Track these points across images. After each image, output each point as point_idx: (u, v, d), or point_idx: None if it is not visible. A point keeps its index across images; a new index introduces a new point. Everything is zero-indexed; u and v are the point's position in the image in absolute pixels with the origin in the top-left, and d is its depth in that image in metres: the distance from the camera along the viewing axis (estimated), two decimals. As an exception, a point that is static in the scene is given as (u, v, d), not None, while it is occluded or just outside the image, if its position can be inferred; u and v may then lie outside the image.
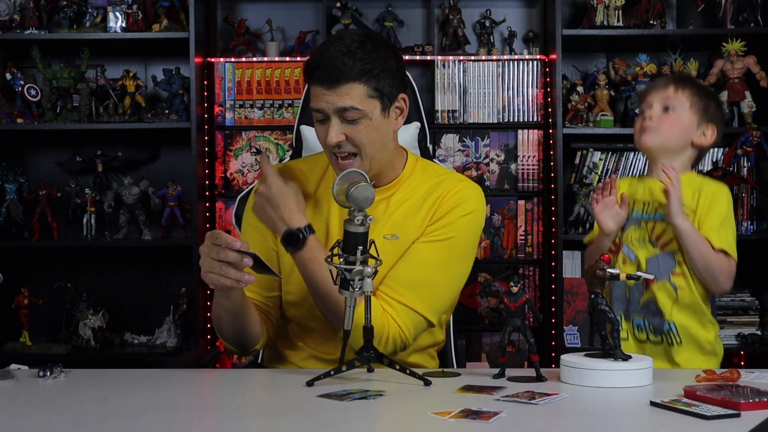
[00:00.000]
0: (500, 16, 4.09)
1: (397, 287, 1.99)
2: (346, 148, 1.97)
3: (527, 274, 3.97)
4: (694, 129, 2.26)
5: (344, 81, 1.93)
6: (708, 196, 2.20)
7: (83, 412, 1.60)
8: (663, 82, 2.30)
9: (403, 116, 2.06)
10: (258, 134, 3.96)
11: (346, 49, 1.93)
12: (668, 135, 2.25)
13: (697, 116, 2.26)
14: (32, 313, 3.96)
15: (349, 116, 1.94)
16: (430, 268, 2.02)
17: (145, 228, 3.94)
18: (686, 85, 2.28)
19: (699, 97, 2.27)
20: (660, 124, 2.24)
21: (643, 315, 2.23)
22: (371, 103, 1.95)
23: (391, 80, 1.98)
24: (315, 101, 1.97)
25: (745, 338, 3.84)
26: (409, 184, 2.10)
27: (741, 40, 3.80)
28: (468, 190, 2.08)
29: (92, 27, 3.88)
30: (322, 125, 1.99)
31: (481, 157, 3.98)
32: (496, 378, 1.79)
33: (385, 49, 1.99)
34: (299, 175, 2.14)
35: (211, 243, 1.82)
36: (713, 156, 3.94)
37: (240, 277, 1.81)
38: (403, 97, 2.04)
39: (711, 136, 2.28)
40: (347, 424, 1.50)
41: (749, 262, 3.94)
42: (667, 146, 2.26)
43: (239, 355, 2.10)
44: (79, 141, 4.06)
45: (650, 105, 2.27)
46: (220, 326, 2.03)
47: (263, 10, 4.12)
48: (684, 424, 1.47)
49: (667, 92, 2.26)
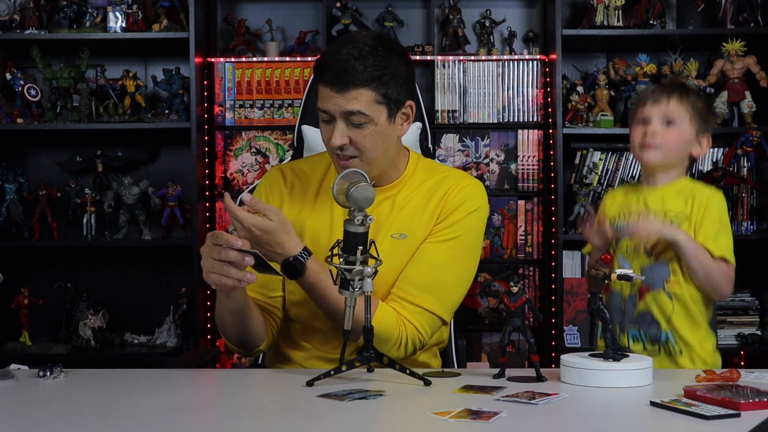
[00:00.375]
0: (500, 16, 4.09)
1: (409, 289, 2.01)
2: (348, 151, 1.98)
3: (527, 274, 3.97)
4: (693, 141, 2.25)
5: (353, 86, 1.92)
6: (702, 202, 2.18)
7: (83, 412, 1.60)
8: (663, 95, 2.26)
9: (409, 122, 2.06)
10: (258, 134, 3.96)
11: (357, 53, 1.92)
12: (670, 151, 2.23)
13: (696, 128, 2.24)
14: (32, 313, 3.95)
15: (355, 120, 1.95)
16: (441, 267, 2.03)
17: (145, 228, 3.94)
18: (686, 96, 2.26)
19: (697, 108, 2.25)
20: (663, 140, 2.22)
21: (638, 326, 2.21)
22: (378, 109, 1.96)
23: (400, 87, 1.98)
24: (322, 102, 1.97)
25: (745, 338, 3.84)
26: (413, 182, 2.11)
27: (741, 40, 3.80)
28: (471, 187, 2.10)
29: (92, 27, 3.88)
30: (327, 125, 1.99)
31: (481, 157, 3.98)
32: (496, 378, 1.79)
33: (398, 55, 1.99)
34: (300, 175, 2.14)
35: (212, 243, 1.82)
36: (713, 156, 3.94)
37: (242, 276, 1.81)
38: (410, 104, 2.04)
39: (706, 146, 2.28)
40: (347, 424, 1.50)
41: (749, 262, 3.95)
42: (669, 162, 2.25)
43: (242, 356, 2.10)
44: (79, 141, 4.06)
45: (650, 118, 2.24)
46: (223, 327, 2.03)
47: (263, 10, 4.12)
48: (684, 424, 1.47)
49: (668, 106, 2.23)
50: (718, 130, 3.86)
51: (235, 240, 1.79)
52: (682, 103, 2.24)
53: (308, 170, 2.15)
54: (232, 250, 1.79)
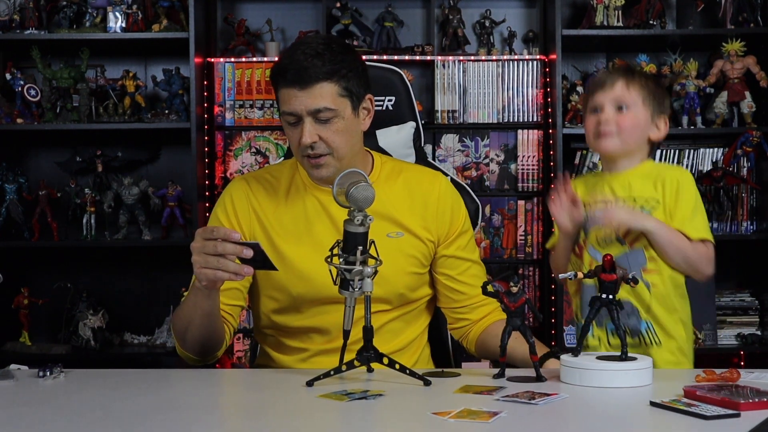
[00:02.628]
0: (500, 16, 4.09)
1: (481, 297, 2.10)
2: (319, 149, 2.00)
3: (527, 274, 3.97)
4: (649, 124, 2.17)
5: (315, 80, 1.96)
6: (673, 184, 2.11)
7: (83, 412, 1.60)
8: (610, 79, 2.18)
9: (370, 117, 2.10)
10: (258, 134, 3.96)
11: (313, 52, 1.98)
12: (627, 137, 2.15)
13: (651, 110, 2.17)
14: (32, 313, 3.95)
15: (323, 116, 1.98)
16: (479, 264, 2.21)
17: (145, 228, 3.94)
18: (635, 79, 2.18)
19: (649, 90, 2.17)
20: (618, 126, 2.14)
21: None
22: (342, 102, 2.00)
23: (358, 80, 2.03)
24: (287, 104, 2.00)
25: (745, 338, 3.84)
26: (386, 179, 2.15)
27: (741, 40, 3.80)
28: (443, 182, 2.19)
29: (92, 27, 3.88)
30: (293, 127, 2.01)
31: (481, 157, 3.98)
32: (496, 378, 1.79)
33: (350, 52, 2.06)
34: (264, 183, 2.15)
35: (204, 238, 1.82)
36: (713, 156, 3.95)
37: (239, 269, 1.80)
38: (370, 97, 2.09)
39: (664, 129, 2.19)
40: (347, 424, 1.50)
41: (749, 262, 3.97)
42: (627, 149, 2.17)
43: (196, 364, 2.07)
44: (79, 141, 4.06)
45: (601, 106, 2.16)
46: (187, 331, 2.00)
47: (263, 10, 4.12)
48: (684, 424, 1.47)
49: (617, 90, 2.15)
50: (718, 130, 3.87)
51: (234, 232, 1.80)
52: (632, 86, 2.16)
53: (272, 178, 2.16)
54: (229, 243, 1.79)
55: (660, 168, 2.19)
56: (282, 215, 2.11)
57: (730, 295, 3.91)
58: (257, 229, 2.10)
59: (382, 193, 2.09)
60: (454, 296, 2.17)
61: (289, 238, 2.08)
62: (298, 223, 2.09)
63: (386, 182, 2.14)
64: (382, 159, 2.21)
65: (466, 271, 2.17)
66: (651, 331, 2.10)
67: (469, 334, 2.19)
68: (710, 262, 2.10)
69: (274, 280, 2.07)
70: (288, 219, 2.10)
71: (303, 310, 2.08)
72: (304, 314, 2.09)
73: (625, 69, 2.25)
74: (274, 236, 2.08)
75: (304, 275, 2.05)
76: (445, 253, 2.15)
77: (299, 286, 2.06)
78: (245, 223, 2.11)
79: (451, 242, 2.16)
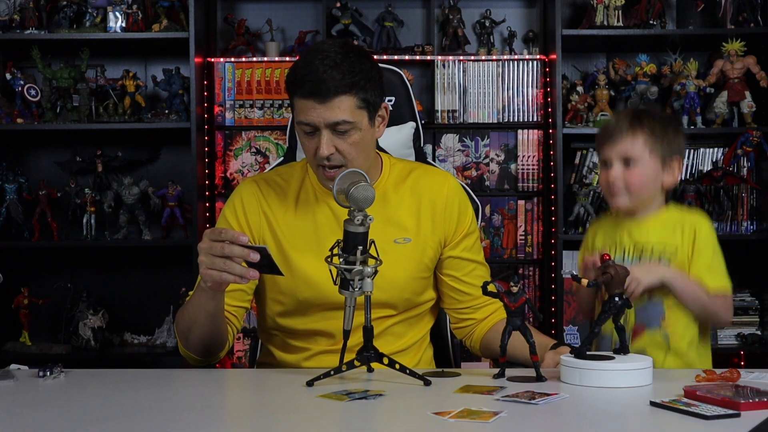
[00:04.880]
0: (500, 16, 4.09)
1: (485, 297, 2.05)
2: (335, 160, 1.98)
3: (527, 274, 3.97)
4: (661, 172, 2.13)
5: (334, 94, 1.93)
6: (690, 231, 2.09)
7: (83, 412, 1.60)
8: (617, 132, 2.12)
9: (384, 124, 2.08)
10: (258, 134, 3.96)
11: (332, 62, 1.93)
12: (637, 193, 2.12)
13: (660, 158, 2.12)
14: (32, 313, 3.95)
15: (341, 128, 1.96)
16: (484, 265, 2.22)
17: (145, 228, 3.94)
18: (641, 127, 2.11)
19: (656, 136, 2.11)
20: (627, 183, 2.11)
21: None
22: (360, 114, 1.97)
23: (375, 90, 2.00)
24: (304, 115, 1.96)
25: (745, 338, 3.84)
26: (395, 183, 2.13)
27: (741, 40, 3.80)
28: (452, 183, 2.17)
29: (92, 27, 3.88)
30: (310, 137, 1.99)
31: (481, 157, 3.98)
32: (496, 378, 1.79)
33: (367, 59, 2.01)
34: (275, 186, 2.13)
35: (212, 239, 1.81)
36: (713, 156, 3.95)
37: (245, 273, 1.80)
38: (385, 105, 2.07)
39: (678, 170, 2.15)
40: (347, 424, 1.50)
41: (749, 262, 3.96)
42: (639, 203, 2.14)
43: (198, 364, 2.07)
44: (79, 141, 4.06)
45: (609, 161, 2.13)
46: (190, 330, 2.00)
47: (263, 10, 4.12)
48: (684, 424, 1.47)
49: (624, 144, 2.10)
50: (718, 131, 3.87)
51: (242, 235, 1.79)
52: (638, 137, 2.10)
53: (282, 182, 2.14)
54: (236, 246, 1.79)
55: (678, 214, 2.16)
56: (292, 222, 2.09)
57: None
58: (267, 234, 2.09)
59: (390, 198, 2.10)
60: (459, 297, 2.17)
61: (298, 245, 2.07)
62: (307, 231, 2.07)
63: (394, 187, 2.13)
64: (391, 161, 2.18)
65: (471, 272, 2.17)
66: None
67: (473, 333, 2.18)
68: (728, 312, 2.11)
69: (280, 284, 2.06)
70: (298, 226, 2.08)
71: (309, 314, 2.08)
72: (310, 318, 2.08)
73: (631, 116, 2.16)
74: (284, 242, 2.07)
75: (312, 281, 2.04)
76: (451, 254, 2.15)
77: (306, 292, 2.05)
78: (255, 227, 2.09)
79: (457, 243, 2.15)
